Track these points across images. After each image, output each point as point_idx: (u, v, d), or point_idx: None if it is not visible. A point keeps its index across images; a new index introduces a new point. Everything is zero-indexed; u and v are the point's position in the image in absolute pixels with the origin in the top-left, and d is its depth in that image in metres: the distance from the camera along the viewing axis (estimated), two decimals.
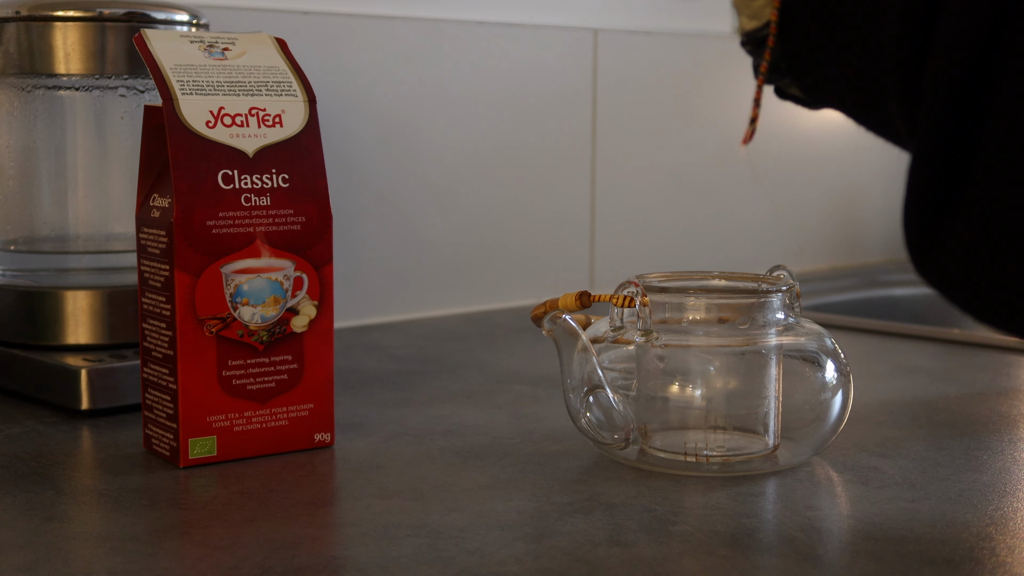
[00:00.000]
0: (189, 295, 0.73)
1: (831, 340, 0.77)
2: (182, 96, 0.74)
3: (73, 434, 0.83)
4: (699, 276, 0.81)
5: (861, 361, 1.09)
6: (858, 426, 0.85)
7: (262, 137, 0.76)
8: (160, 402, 0.76)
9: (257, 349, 0.76)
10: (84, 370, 0.86)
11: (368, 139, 1.26)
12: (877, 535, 0.64)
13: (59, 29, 0.91)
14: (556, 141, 1.42)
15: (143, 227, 0.77)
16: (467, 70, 1.34)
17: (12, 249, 0.98)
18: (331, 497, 0.71)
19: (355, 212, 1.26)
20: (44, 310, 0.92)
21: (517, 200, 1.39)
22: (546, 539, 0.63)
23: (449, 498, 0.70)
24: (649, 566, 0.59)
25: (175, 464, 0.75)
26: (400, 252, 1.30)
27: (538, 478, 0.74)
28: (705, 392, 0.75)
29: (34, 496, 0.69)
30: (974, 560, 0.60)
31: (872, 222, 1.77)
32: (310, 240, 0.77)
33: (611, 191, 1.47)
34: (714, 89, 1.56)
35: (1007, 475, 0.75)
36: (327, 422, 0.79)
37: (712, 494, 0.70)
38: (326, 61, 1.22)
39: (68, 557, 0.60)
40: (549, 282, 1.42)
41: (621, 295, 0.75)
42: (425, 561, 0.59)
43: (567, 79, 1.42)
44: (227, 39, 0.79)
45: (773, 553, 0.61)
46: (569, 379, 0.76)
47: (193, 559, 0.60)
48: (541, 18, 1.40)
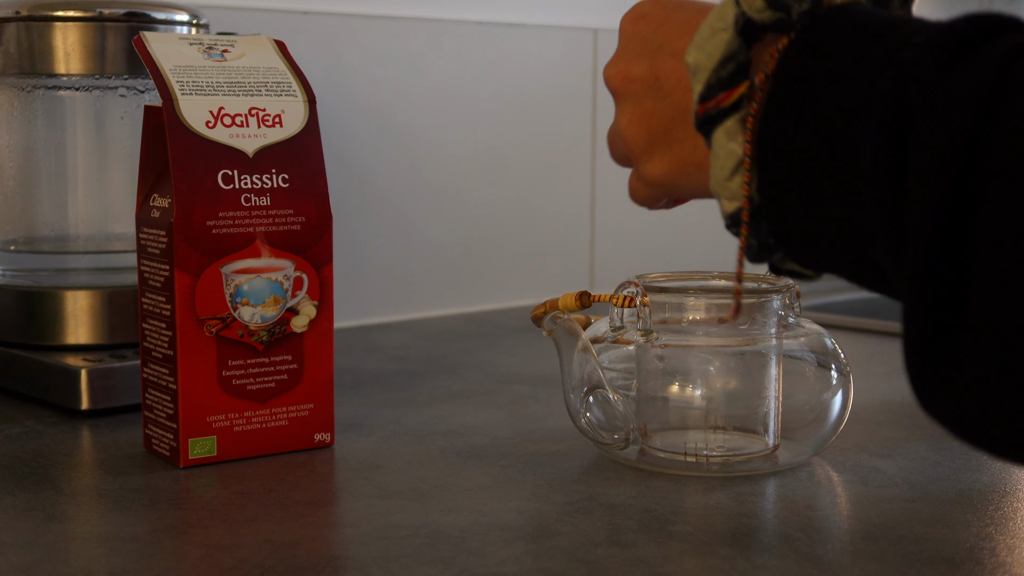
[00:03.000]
0: (189, 295, 0.73)
1: (831, 340, 0.77)
2: (182, 96, 0.74)
3: (73, 434, 0.83)
4: (699, 276, 0.81)
5: (861, 361, 1.09)
6: (858, 426, 0.85)
7: (262, 137, 0.76)
8: (160, 402, 0.76)
9: (257, 349, 0.76)
10: (84, 370, 0.86)
11: (368, 139, 1.26)
12: (877, 535, 0.64)
13: (59, 29, 0.91)
14: (556, 141, 1.42)
15: (143, 227, 0.77)
16: (467, 70, 1.34)
17: (12, 249, 0.98)
18: (331, 497, 0.71)
19: (355, 212, 1.26)
20: (44, 310, 0.92)
21: (517, 200, 1.39)
22: (546, 539, 0.63)
23: (449, 498, 0.70)
24: (649, 566, 0.59)
25: (175, 464, 0.75)
26: (400, 252, 1.30)
27: (538, 478, 0.74)
28: (705, 392, 0.75)
29: (34, 496, 0.69)
30: (974, 560, 0.60)
31: None
32: (310, 240, 0.77)
33: (611, 191, 1.47)
34: None
35: (1007, 475, 0.75)
36: (327, 422, 0.79)
37: (712, 494, 0.70)
38: (326, 61, 1.22)
39: (68, 557, 0.60)
40: (549, 282, 1.42)
41: (621, 295, 0.75)
42: (425, 561, 0.59)
43: (567, 79, 1.42)
44: (226, 41, 0.79)
45: (773, 553, 0.61)
46: (569, 379, 0.76)
47: (193, 559, 0.60)
48: (541, 18, 1.40)
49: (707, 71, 0.50)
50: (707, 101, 0.50)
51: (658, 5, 0.57)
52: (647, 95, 0.56)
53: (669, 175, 0.56)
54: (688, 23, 0.55)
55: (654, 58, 0.55)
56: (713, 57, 0.50)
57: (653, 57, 0.55)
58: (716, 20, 0.50)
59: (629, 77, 0.56)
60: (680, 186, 0.56)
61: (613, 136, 0.61)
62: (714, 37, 0.50)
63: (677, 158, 0.55)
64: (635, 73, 0.56)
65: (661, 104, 0.55)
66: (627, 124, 0.56)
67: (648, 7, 0.57)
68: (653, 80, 0.55)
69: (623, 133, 0.57)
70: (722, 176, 0.50)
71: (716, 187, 0.51)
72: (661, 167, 0.56)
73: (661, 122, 0.55)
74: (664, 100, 0.55)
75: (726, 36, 0.50)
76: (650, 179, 0.57)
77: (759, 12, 0.49)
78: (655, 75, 0.55)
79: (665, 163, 0.56)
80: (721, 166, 0.50)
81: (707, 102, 0.50)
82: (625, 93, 0.57)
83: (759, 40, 0.50)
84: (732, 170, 0.50)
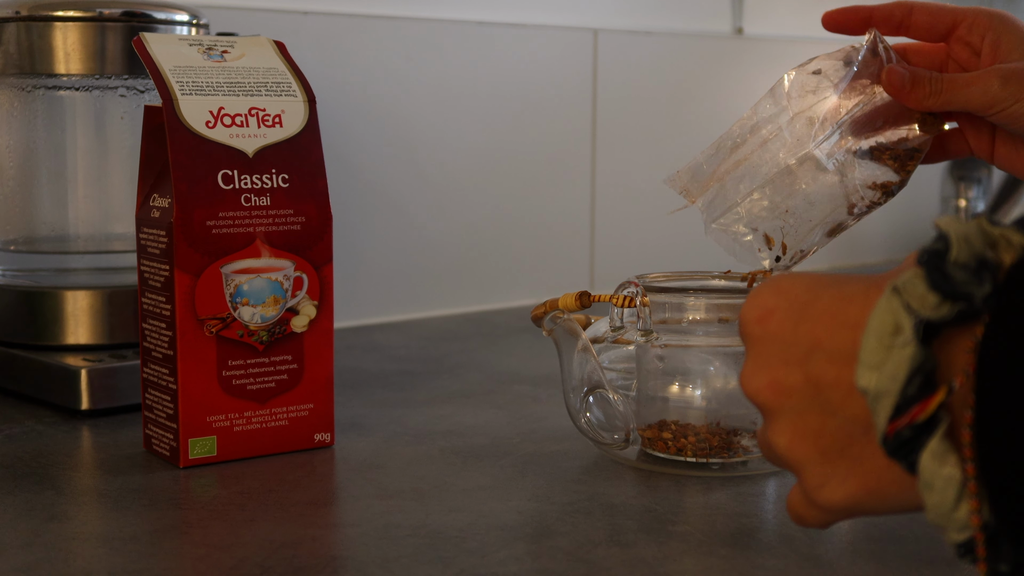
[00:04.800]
0: (189, 295, 0.73)
1: None
2: (182, 96, 0.74)
3: (73, 434, 0.83)
4: (699, 276, 0.81)
5: None
6: None
7: (262, 137, 0.76)
8: (160, 402, 0.76)
9: (257, 349, 0.76)
10: (84, 370, 0.86)
11: (368, 139, 1.26)
12: (877, 535, 0.64)
13: (59, 29, 0.91)
14: (556, 141, 1.42)
15: (143, 227, 0.77)
16: (467, 70, 1.34)
17: (12, 249, 0.98)
18: (331, 497, 0.71)
19: (355, 212, 1.26)
20: (44, 310, 0.92)
21: (517, 200, 1.39)
22: (546, 539, 0.63)
23: (449, 498, 0.70)
24: (649, 566, 0.59)
25: (175, 464, 0.75)
26: (400, 252, 1.30)
27: (538, 478, 0.74)
28: (705, 392, 0.75)
29: (34, 496, 0.69)
30: None
31: (872, 222, 1.76)
32: (310, 240, 0.77)
33: (611, 191, 1.47)
34: (714, 89, 1.57)
35: None
36: (327, 422, 0.79)
37: (712, 494, 0.70)
38: (326, 61, 1.22)
39: (68, 557, 0.60)
40: (549, 282, 1.42)
41: (621, 295, 0.75)
42: (425, 561, 0.59)
43: (567, 79, 1.42)
44: (226, 42, 0.79)
45: (773, 553, 0.61)
46: (569, 379, 0.76)
47: (193, 559, 0.60)
48: (541, 18, 1.40)
49: (894, 395, 0.42)
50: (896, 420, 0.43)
51: (781, 296, 0.49)
52: (809, 409, 0.47)
53: (857, 499, 0.47)
54: (833, 315, 0.47)
55: (806, 365, 0.47)
56: (898, 379, 0.42)
57: (804, 363, 0.47)
58: (884, 332, 0.43)
59: (782, 390, 0.48)
60: (872, 508, 0.48)
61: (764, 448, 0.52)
62: (891, 354, 0.42)
63: (865, 479, 0.46)
64: (788, 384, 0.48)
65: (830, 420, 0.47)
66: (788, 445, 0.48)
67: (770, 300, 0.49)
68: (813, 391, 0.47)
69: (784, 456, 0.49)
70: (946, 508, 0.42)
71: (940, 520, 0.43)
72: (844, 492, 0.47)
73: (835, 440, 0.47)
74: (834, 415, 0.47)
75: (909, 351, 0.42)
76: (830, 506, 0.48)
77: (935, 310, 0.42)
78: (814, 385, 0.47)
79: (850, 487, 0.47)
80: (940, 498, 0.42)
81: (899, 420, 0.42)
82: (779, 408, 0.48)
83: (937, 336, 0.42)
84: (956, 499, 0.42)
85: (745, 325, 0.50)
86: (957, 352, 0.42)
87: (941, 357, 0.42)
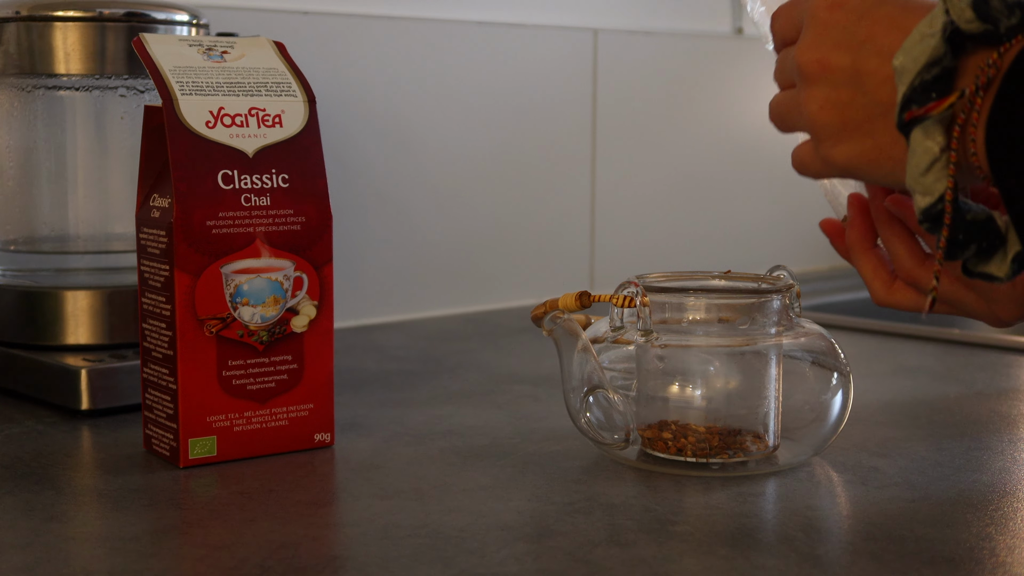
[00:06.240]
0: (189, 295, 0.73)
1: (831, 340, 0.77)
2: (182, 96, 0.74)
3: (73, 434, 0.83)
4: (699, 276, 0.81)
5: (861, 361, 1.09)
6: (858, 426, 0.85)
7: (262, 137, 0.76)
8: (160, 402, 0.76)
9: (257, 349, 0.76)
10: (84, 370, 0.86)
11: (368, 139, 1.26)
12: (877, 535, 0.64)
13: (59, 29, 0.91)
14: (556, 141, 1.42)
15: (143, 227, 0.77)
16: (467, 70, 1.34)
17: (12, 249, 0.98)
18: (331, 497, 0.71)
19: (355, 212, 1.26)
20: (44, 310, 0.92)
21: (517, 200, 1.39)
22: (546, 539, 0.63)
23: (449, 498, 0.70)
24: (649, 566, 0.59)
25: (175, 464, 0.75)
26: (400, 252, 1.30)
27: (538, 478, 0.74)
28: (705, 392, 0.75)
29: (34, 496, 0.69)
30: (974, 560, 0.60)
31: None
32: (310, 240, 0.77)
33: (611, 191, 1.47)
34: (714, 89, 1.57)
35: (1007, 475, 0.75)
36: (327, 422, 0.79)
37: (712, 494, 0.70)
38: (326, 61, 1.22)
39: (68, 557, 0.60)
40: (549, 282, 1.42)
41: (621, 295, 0.75)
42: (425, 561, 0.59)
43: (567, 79, 1.42)
44: (225, 43, 0.79)
45: (773, 553, 0.61)
46: (569, 379, 0.76)
47: (193, 559, 0.60)
48: (541, 18, 1.40)
49: (912, 73, 0.53)
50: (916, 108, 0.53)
51: None
52: (845, 85, 0.57)
53: (857, 162, 0.58)
54: (893, 21, 0.56)
55: (858, 52, 0.57)
56: (919, 61, 0.53)
57: (857, 51, 0.57)
58: (925, 27, 0.53)
59: (828, 65, 0.58)
60: (865, 173, 0.59)
61: (788, 107, 0.62)
62: (922, 42, 0.53)
63: (872, 149, 0.57)
64: (835, 63, 0.58)
65: (861, 97, 0.57)
66: (819, 108, 0.58)
67: None
68: (855, 73, 0.57)
69: (812, 114, 0.59)
70: (917, 172, 0.54)
71: (912, 183, 0.54)
72: (849, 153, 0.58)
73: (859, 113, 0.57)
74: (865, 95, 0.57)
75: (933, 42, 0.53)
76: (834, 161, 0.59)
77: (968, 23, 0.52)
78: (857, 69, 0.57)
79: (856, 150, 0.58)
80: (916, 162, 0.53)
81: (916, 110, 0.53)
82: (820, 79, 0.58)
83: (964, 51, 0.53)
84: (927, 167, 0.53)
85: (816, 8, 0.59)
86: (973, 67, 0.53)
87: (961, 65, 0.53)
